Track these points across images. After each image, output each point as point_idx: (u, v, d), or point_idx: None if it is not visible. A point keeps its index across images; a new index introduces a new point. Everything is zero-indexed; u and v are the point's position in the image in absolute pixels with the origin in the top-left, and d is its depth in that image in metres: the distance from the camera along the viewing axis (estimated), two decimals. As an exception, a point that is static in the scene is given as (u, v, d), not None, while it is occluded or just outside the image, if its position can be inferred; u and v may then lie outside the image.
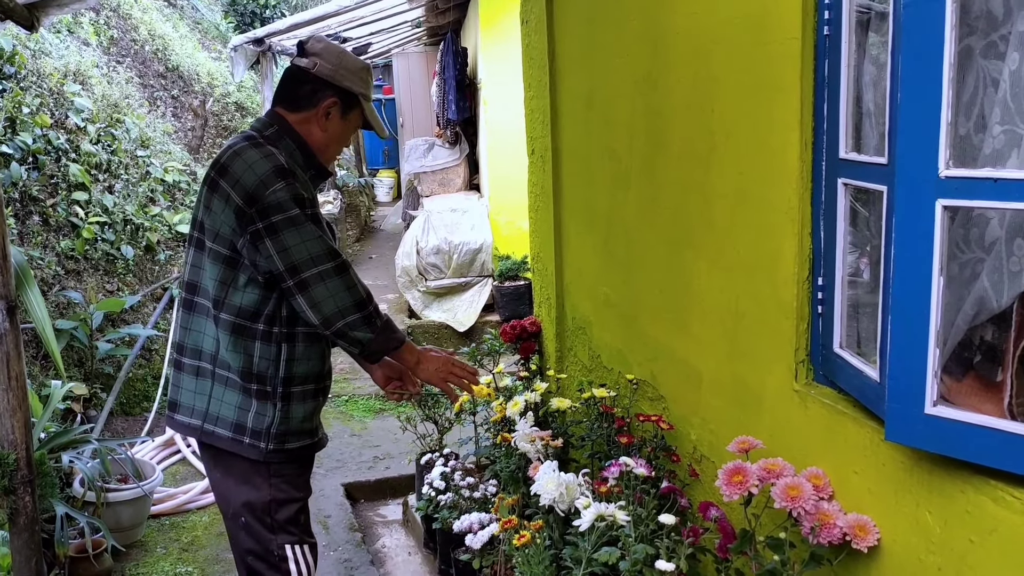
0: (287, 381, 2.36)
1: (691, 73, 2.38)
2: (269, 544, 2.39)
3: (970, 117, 1.65)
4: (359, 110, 2.46)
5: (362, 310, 2.28)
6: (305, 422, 2.43)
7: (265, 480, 2.38)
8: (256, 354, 2.32)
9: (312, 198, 2.33)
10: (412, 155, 8.26)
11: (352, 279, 2.28)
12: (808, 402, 2.01)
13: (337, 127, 2.44)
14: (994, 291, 1.64)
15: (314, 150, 2.42)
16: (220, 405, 2.36)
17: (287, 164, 2.28)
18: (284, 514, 2.40)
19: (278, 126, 2.40)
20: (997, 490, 1.50)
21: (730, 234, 2.28)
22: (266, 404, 2.35)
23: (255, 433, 2.34)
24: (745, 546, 2.00)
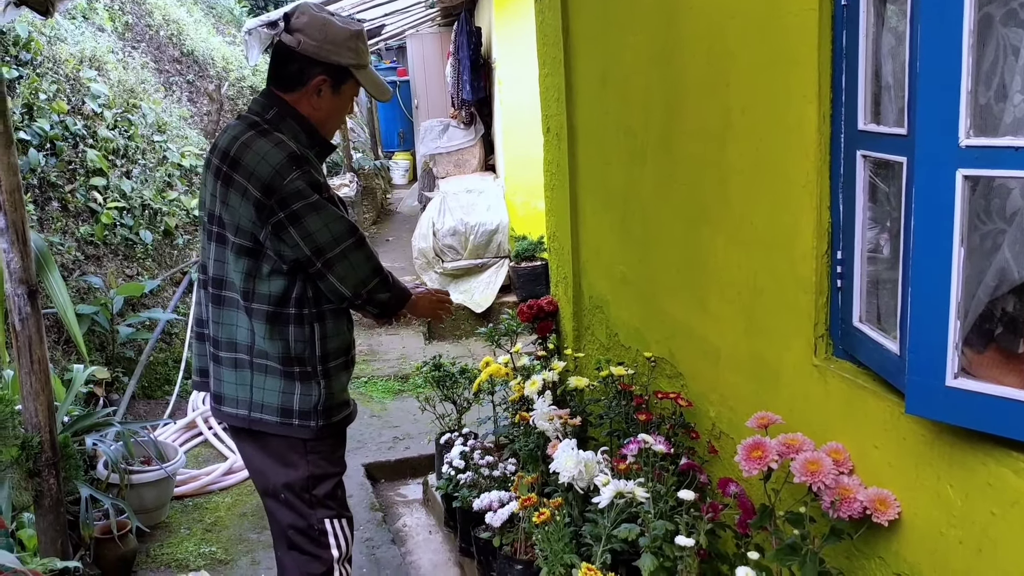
0: (324, 358, 2.41)
1: (706, 48, 2.36)
2: (310, 519, 2.45)
3: (990, 86, 1.62)
4: (352, 81, 2.41)
5: (379, 274, 2.40)
6: (343, 393, 2.51)
7: (302, 458, 2.43)
8: (292, 338, 2.36)
9: (324, 177, 2.37)
10: (427, 136, 8.24)
11: (368, 249, 2.38)
12: (827, 377, 2.00)
13: (330, 103, 2.40)
14: (1016, 262, 1.62)
15: (315, 126, 2.41)
16: (263, 393, 2.40)
17: (299, 150, 2.28)
18: (322, 489, 2.46)
19: (277, 108, 2.37)
20: (1019, 462, 1.49)
21: (747, 209, 2.26)
22: (310, 384, 2.40)
23: (303, 414, 2.39)
24: (765, 521, 2.00)
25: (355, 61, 2.36)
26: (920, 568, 1.76)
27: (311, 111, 2.37)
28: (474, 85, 7.53)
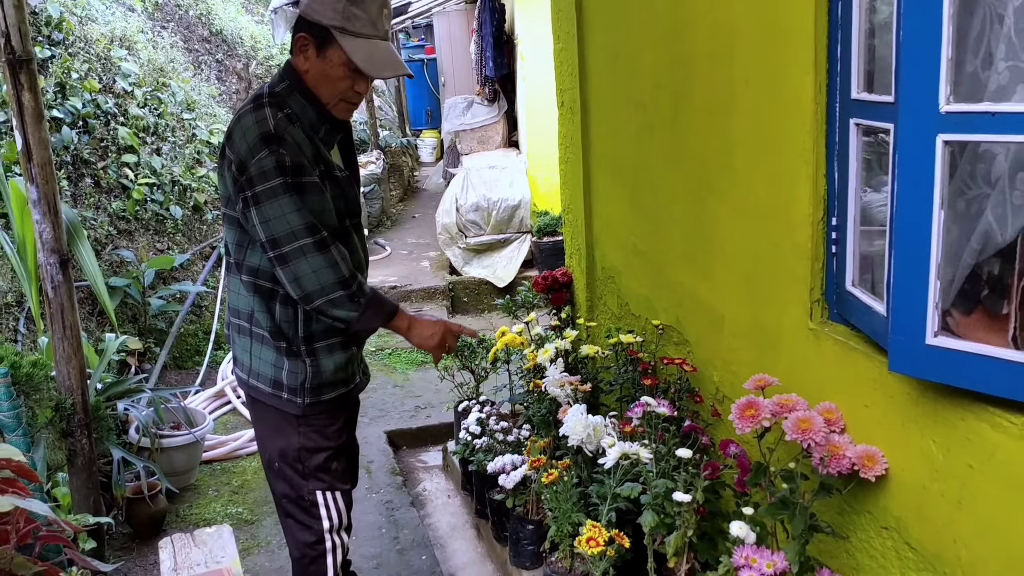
0: (309, 339, 2.37)
1: (711, 21, 2.41)
2: (301, 490, 2.46)
3: (977, 54, 1.67)
4: (338, 46, 2.21)
5: (346, 288, 2.24)
6: (339, 372, 2.44)
7: (295, 429, 2.43)
8: (277, 314, 2.35)
9: (310, 160, 2.23)
10: (451, 113, 8.32)
11: (334, 256, 2.22)
12: (822, 340, 2.07)
13: (316, 66, 2.24)
14: (998, 225, 1.68)
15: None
16: (260, 362, 2.43)
17: (276, 129, 2.18)
18: (314, 461, 2.45)
19: (289, 79, 2.29)
20: (996, 416, 1.55)
21: (750, 179, 2.32)
22: (296, 361, 2.38)
23: (291, 389, 2.39)
24: (759, 478, 2.08)
25: (339, 24, 2.19)
26: (905, 522, 1.83)
27: (303, 73, 2.26)
28: (497, 61, 7.58)
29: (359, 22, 2.20)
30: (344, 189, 2.36)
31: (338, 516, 2.51)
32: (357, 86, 2.28)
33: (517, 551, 3.10)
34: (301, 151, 2.20)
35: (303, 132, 2.24)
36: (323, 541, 2.49)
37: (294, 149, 2.18)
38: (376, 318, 2.32)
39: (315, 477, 2.47)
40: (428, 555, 3.35)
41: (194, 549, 2.38)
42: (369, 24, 2.22)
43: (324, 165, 2.28)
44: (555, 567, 2.80)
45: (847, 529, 2.03)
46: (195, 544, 2.40)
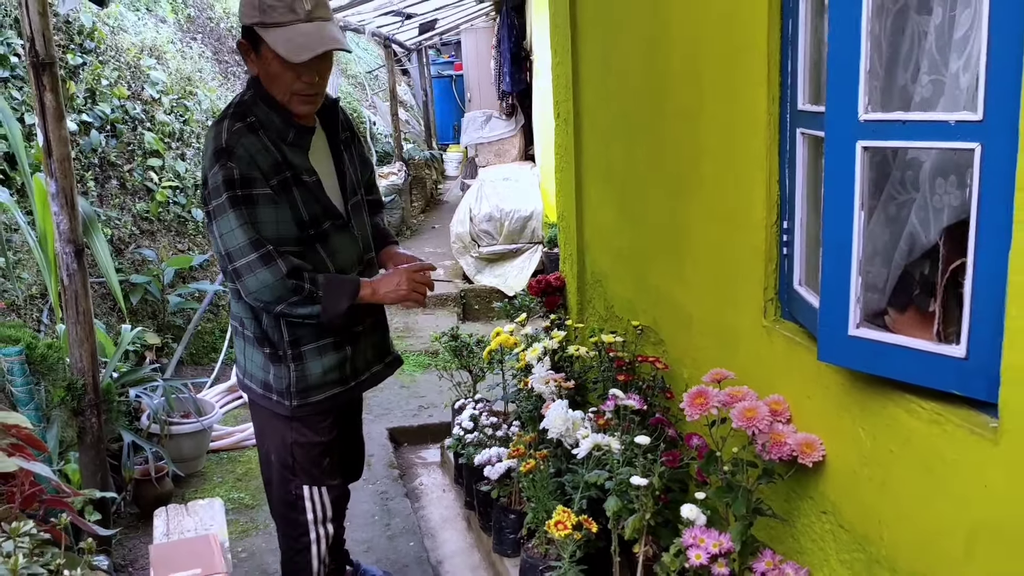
0: (295, 342, 2.42)
1: (684, 37, 2.57)
2: (288, 484, 2.55)
3: (907, 68, 1.81)
4: (264, 43, 2.20)
5: (298, 292, 2.26)
6: (329, 374, 2.48)
7: (287, 425, 2.50)
8: (264, 320, 2.41)
9: (266, 169, 2.24)
10: (470, 127, 8.52)
11: (279, 268, 2.23)
12: (773, 336, 2.21)
13: (260, 68, 2.27)
14: (922, 228, 1.81)
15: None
16: (251, 364, 2.53)
17: (227, 143, 2.21)
18: (303, 457, 2.52)
19: (253, 88, 2.32)
20: (911, 403, 1.68)
21: (716, 186, 2.47)
22: (280, 367, 2.44)
23: (279, 392, 2.46)
24: (711, 464, 2.21)
25: (258, 19, 2.20)
26: (840, 505, 1.96)
27: (259, 78, 2.30)
28: (515, 77, 7.77)
29: (276, 12, 2.18)
30: (315, 193, 2.36)
31: (322, 510, 2.58)
32: (302, 77, 2.25)
33: (500, 539, 3.24)
34: (254, 162, 2.21)
35: (267, 139, 2.27)
36: (307, 533, 2.58)
37: (245, 161, 2.20)
38: (340, 301, 2.31)
39: (304, 472, 2.54)
40: (416, 542, 3.50)
41: (186, 517, 2.54)
42: (286, 11, 2.18)
43: (291, 171, 2.30)
44: (531, 553, 2.94)
45: (793, 515, 2.16)
46: (188, 513, 2.57)
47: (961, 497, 1.55)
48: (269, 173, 2.25)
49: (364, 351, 2.61)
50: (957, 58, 1.65)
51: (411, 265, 2.45)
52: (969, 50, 1.61)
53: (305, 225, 2.35)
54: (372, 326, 2.65)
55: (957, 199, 1.70)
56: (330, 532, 2.62)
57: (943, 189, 1.74)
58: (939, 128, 1.54)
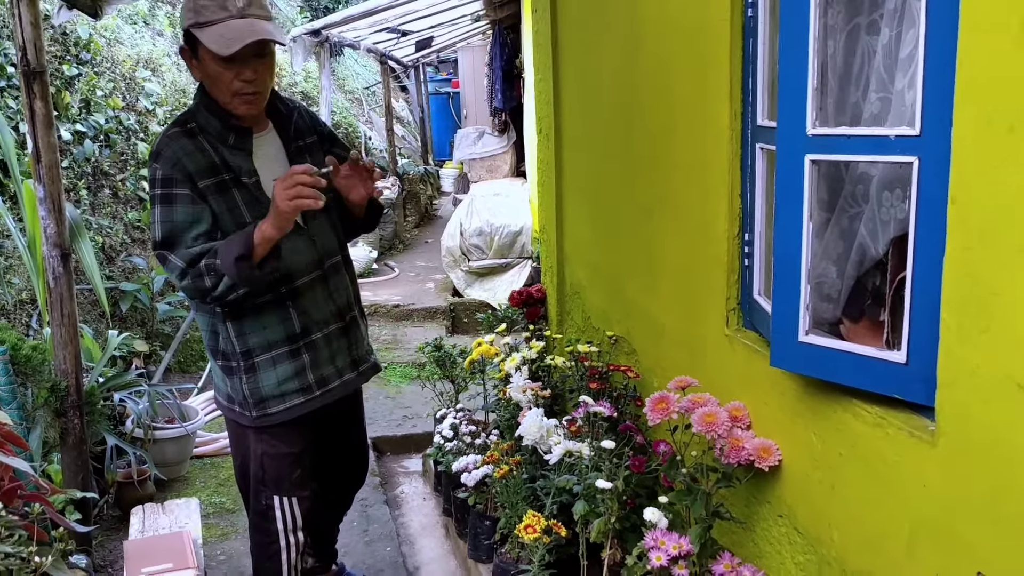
0: (247, 354, 2.42)
1: (656, 57, 2.65)
2: (259, 494, 2.57)
3: (859, 86, 1.89)
4: (200, 44, 2.24)
5: (202, 278, 2.25)
6: (285, 384, 2.47)
7: (256, 436, 2.53)
8: (215, 330, 2.44)
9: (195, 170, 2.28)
10: (463, 143, 8.61)
11: (175, 265, 2.27)
12: (735, 345, 2.27)
13: (201, 72, 2.32)
14: (871, 239, 1.88)
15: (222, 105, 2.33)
16: (216, 376, 2.58)
17: (158, 146, 2.31)
18: (273, 467, 2.53)
19: (199, 95, 2.38)
20: (857, 407, 1.74)
21: (683, 199, 2.54)
22: (233, 378, 2.46)
23: (239, 403, 2.49)
24: (673, 468, 2.27)
25: (192, 21, 2.24)
26: (795, 509, 2.02)
27: (203, 84, 2.35)
28: (506, 94, 7.87)
29: (208, 11, 2.22)
30: (255, 195, 2.37)
31: (292, 520, 2.60)
32: (240, 75, 2.27)
33: (475, 545, 3.29)
34: (180, 164, 2.28)
35: (206, 143, 2.33)
36: (277, 541, 2.60)
37: (170, 163, 2.27)
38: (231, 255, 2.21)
39: (274, 483, 2.55)
40: (393, 548, 3.54)
41: (162, 516, 2.60)
42: (218, 8, 2.22)
43: (230, 172, 2.34)
44: (504, 558, 2.99)
45: (752, 519, 2.22)
46: (164, 512, 2.62)
47: (903, 497, 1.61)
48: (202, 174, 2.29)
49: (331, 358, 2.57)
50: (903, 76, 1.73)
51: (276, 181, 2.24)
52: (914, 68, 1.69)
53: (246, 227, 2.33)
54: (339, 332, 2.59)
55: (902, 212, 1.77)
56: (300, 540, 2.63)
57: (889, 202, 1.82)
58: (881, 143, 1.61)
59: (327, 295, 2.55)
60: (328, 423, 2.73)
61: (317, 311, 2.52)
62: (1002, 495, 1.35)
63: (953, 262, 1.43)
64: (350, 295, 2.65)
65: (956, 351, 1.44)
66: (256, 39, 2.22)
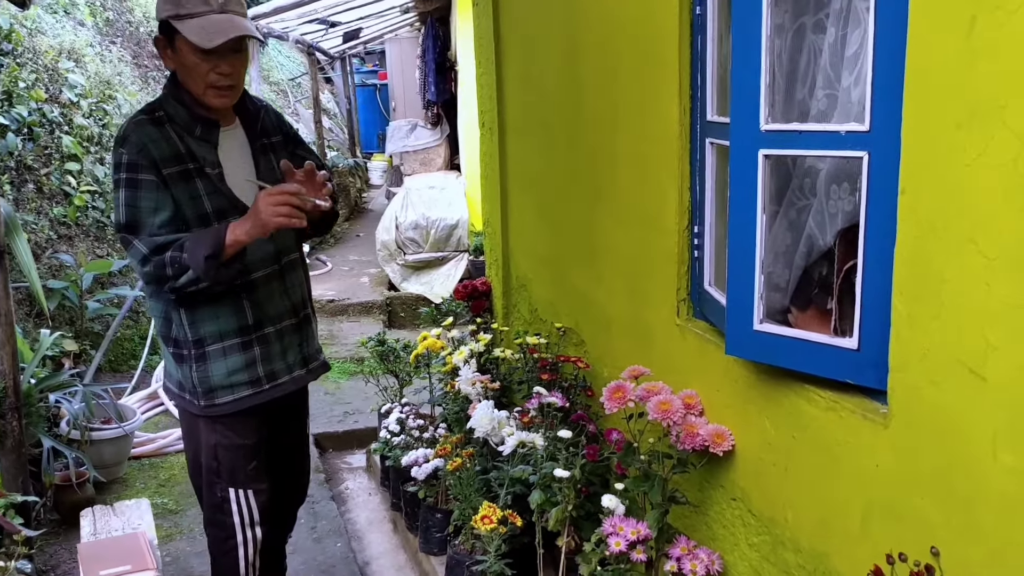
0: (198, 342, 2.43)
1: (600, 51, 2.69)
2: (213, 487, 2.55)
3: (805, 83, 1.96)
4: (180, 34, 2.26)
5: (162, 268, 2.27)
6: (235, 375, 2.47)
7: (209, 426, 2.50)
8: (168, 317, 2.44)
9: (160, 158, 2.30)
10: (395, 136, 8.57)
11: (138, 250, 2.28)
12: (686, 334, 2.33)
13: (175, 63, 2.35)
14: (819, 231, 1.95)
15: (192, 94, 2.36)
16: (169, 363, 2.56)
17: (124, 131, 2.32)
18: (226, 459, 2.51)
19: (169, 85, 2.41)
20: (809, 392, 1.81)
21: (631, 192, 2.59)
22: (183, 366, 2.46)
23: (189, 391, 2.48)
24: (629, 455, 2.32)
25: (172, 12, 2.27)
26: (748, 491, 2.09)
27: (176, 74, 2.38)
28: (439, 87, 7.86)
29: (189, 3, 2.26)
30: (218, 185, 2.39)
31: (248, 513, 2.57)
32: (216, 68, 2.31)
33: (427, 538, 3.30)
34: (146, 149, 2.29)
35: (173, 132, 2.35)
36: (234, 536, 2.57)
37: (136, 148, 2.29)
38: (199, 254, 2.23)
39: (228, 475, 2.53)
40: (343, 543, 3.54)
41: (113, 518, 2.54)
42: (200, 2, 2.26)
43: (195, 162, 2.37)
44: (458, 550, 3.01)
45: (705, 503, 2.28)
46: (115, 514, 2.57)
47: (856, 478, 1.68)
48: (167, 162, 2.32)
49: (282, 353, 2.57)
50: (849, 74, 1.80)
51: (261, 193, 2.27)
52: (859, 66, 1.76)
53: (208, 217, 2.37)
54: (291, 328, 2.60)
55: (850, 204, 1.85)
56: (258, 536, 2.61)
57: (837, 195, 1.89)
58: (831, 138, 1.68)
59: (283, 291, 2.55)
60: (277, 418, 2.71)
61: (272, 306, 2.53)
62: (953, 472, 1.43)
63: (904, 251, 1.51)
64: (304, 293, 2.66)
65: (907, 337, 1.51)
66: (237, 34, 2.27)
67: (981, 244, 1.32)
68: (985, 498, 1.36)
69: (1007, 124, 1.25)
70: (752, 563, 2.09)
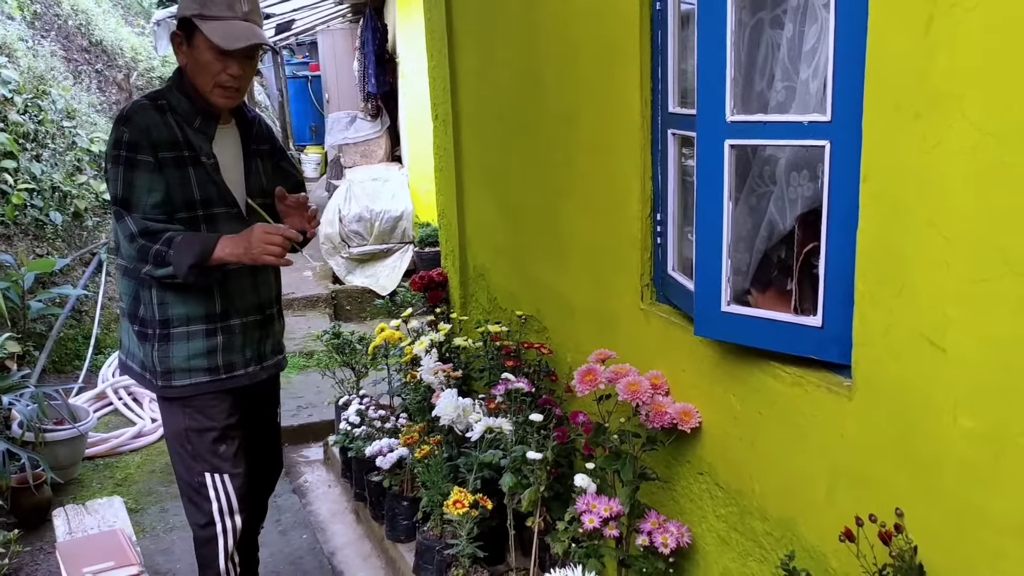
0: (164, 323, 2.48)
1: (558, 44, 2.76)
2: (190, 471, 2.57)
3: (764, 76, 2.06)
4: (200, 32, 2.37)
5: (145, 254, 2.34)
6: (194, 360, 2.52)
7: (180, 409, 2.55)
8: (137, 296, 2.49)
9: (158, 141, 2.37)
10: (335, 128, 8.51)
11: (127, 227, 2.36)
12: (650, 318, 2.42)
13: (189, 57, 2.44)
14: (779, 216, 2.06)
15: (198, 89, 2.46)
16: (131, 342, 2.58)
17: (127, 112, 2.40)
18: (199, 442, 2.55)
19: (175, 77, 2.50)
20: (775, 368, 1.91)
21: (592, 182, 2.67)
22: (145, 344, 2.51)
23: (150, 370, 2.53)
24: (600, 436, 2.40)
25: (197, 11, 2.38)
26: (715, 465, 2.19)
27: (184, 68, 2.46)
28: (379, 79, 7.84)
29: (215, 6, 2.39)
30: (211, 175, 2.48)
31: (227, 499, 2.60)
32: (228, 69, 2.42)
33: (393, 526, 3.35)
34: (148, 132, 2.38)
35: (172, 120, 2.43)
36: (213, 524, 2.59)
37: (138, 129, 2.38)
38: (184, 260, 2.32)
39: (202, 458, 2.56)
40: (309, 535, 3.56)
41: (87, 516, 2.53)
42: (226, 8, 2.40)
43: (190, 151, 2.44)
44: (427, 535, 3.07)
45: (673, 479, 2.38)
46: (88, 512, 2.56)
47: (821, 447, 1.79)
48: (163, 146, 2.41)
49: (242, 347, 2.62)
50: (807, 67, 1.90)
51: (261, 226, 2.39)
52: (817, 60, 1.86)
53: (195, 204, 2.46)
54: (255, 324, 2.64)
55: (809, 190, 1.95)
56: (237, 526, 2.63)
57: (797, 182, 2.00)
58: (795, 128, 1.78)
59: (253, 286, 2.62)
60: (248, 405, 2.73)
61: (241, 299, 2.59)
62: (915, 438, 1.54)
63: (866, 234, 1.61)
64: (273, 292, 2.74)
65: (870, 314, 1.62)
66: (256, 42, 2.44)
67: (941, 226, 1.43)
68: (946, 461, 1.47)
69: (965, 114, 1.35)
70: (720, 533, 2.19)
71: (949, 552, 1.48)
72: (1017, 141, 1.28)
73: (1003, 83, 1.29)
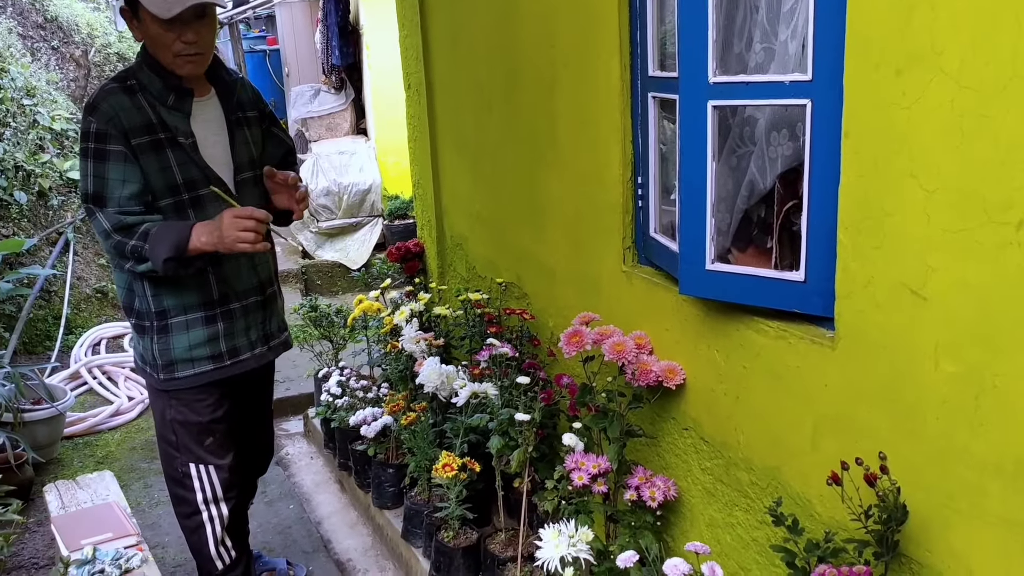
0: (161, 314, 2.44)
1: (537, 10, 2.77)
2: (174, 461, 2.57)
3: (742, 38, 2.10)
4: (141, 6, 2.24)
5: (120, 250, 2.29)
6: (196, 350, 2.48)
7: (166, 402, 2.53)
8: (131, 288, 2.45)
9: (131, 127, 2.29)
10: (298, 101, 8.43)
11: (100, 224, 2.30)
12: (633, 280, 2.47)
13: (142, 33, 2.33)
14: (760, 175, 2.11)
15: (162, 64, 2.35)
16: (133, 335, 2.57)
17: (95, 100, 2.31)
18: (185, 434, 2.54)
19: (142, 54, 2.39)
20: (759, 323, 1.97)
21: (571, 149, 2.70)
22: (144, 337, 2.48)
23: (150, 364, 2.50)
24: (586, 396, 2.46)
25: None
26: (700, 420, 2.25)
27: (145, 43, 2.36)
28: (343, 51, 7.77)
29: None
30: (191, 155, 2.38)
31: (211, 489, 2.59)
32: (182, 36, 2.29)
33: (379, 493, 3.39)
34: (117, 119, 2.28)
35: (144, 101, 2.33)
36: (199, 512, 2.59)
37: (106, 118, 2.28)
38: (159, 252, 2.25)
39: (187, 450, 2.55)
40: (296, 505, 3.59)
41: (79, 491, 2.54)
42: None
43: (166, 132, 2.35)
44: (415, 500, 3.11)
45: (659, 435, 2.44)
46: (79, 487, 2.57)
47: (805, 397, 1.85)
48: (137, 131, 2.31)
49: (245, 330, 2.58)
50: (785, 28, 1.94)
51: (229, 211, 2.29)
52: (795, 21, 1.91)
53: (179, 188, 2.37)
54: (257, 305, 2.61)
55: (789, 149, 2.00)
56: (224, 513, 2.62)
57: (777, 141, 2.04)
58: (776, 88, 1.82)
59: (251, 267, 2.57)
60: (240, 392, 2.72)
61: (239, 281, 2.54)
62: (898, 384, 1.61)
63: (848, 189, 1.66)
64: (271, 270, 2.69)
65: (852, 267, 1.68)
66: (195, 2, 2.24)
67: (921, 179, 1.48)
68: (929, 404, 1.54)
69: (944, 69, 1.41)
70: (705, 486, 2.26)
71: (932, 491, 1.55)
72: (994, 94, 1.33)
73: (981, 38, 1.34)
